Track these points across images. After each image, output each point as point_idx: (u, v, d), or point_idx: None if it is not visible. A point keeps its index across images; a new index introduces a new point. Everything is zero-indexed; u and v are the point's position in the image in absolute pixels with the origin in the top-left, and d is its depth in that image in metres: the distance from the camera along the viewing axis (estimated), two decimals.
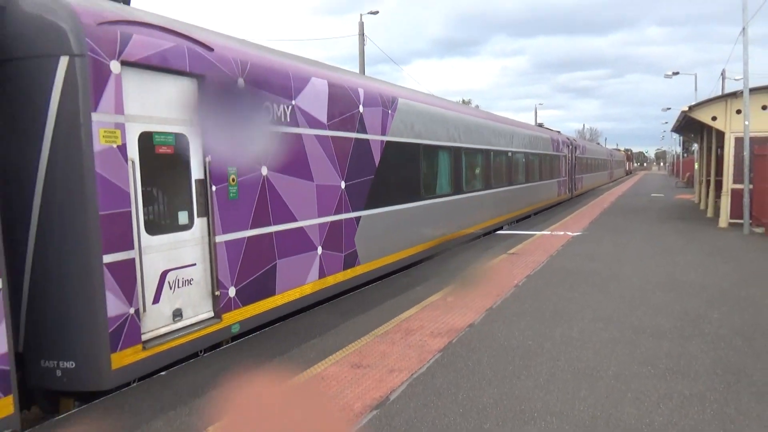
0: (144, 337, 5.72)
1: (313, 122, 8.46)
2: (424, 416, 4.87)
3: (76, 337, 5.31)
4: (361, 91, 9.93)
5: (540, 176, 24.74)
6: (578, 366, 5.94)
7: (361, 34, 28.69)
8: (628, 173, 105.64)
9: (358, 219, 9.73)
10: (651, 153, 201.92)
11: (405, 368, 5.95)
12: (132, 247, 5.61)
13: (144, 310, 5.72)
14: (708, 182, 23.30)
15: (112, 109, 5.41)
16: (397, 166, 11.09)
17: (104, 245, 5.34)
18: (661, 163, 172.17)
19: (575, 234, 16.42)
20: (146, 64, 5.79)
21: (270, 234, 7.53)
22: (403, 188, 11.38)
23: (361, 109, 9.83)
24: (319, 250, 8.65)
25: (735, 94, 17.49)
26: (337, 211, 9.14)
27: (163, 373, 6.01)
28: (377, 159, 10.34)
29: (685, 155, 64.91)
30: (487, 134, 17.18)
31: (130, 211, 5.60)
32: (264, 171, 7.40)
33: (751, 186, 16.32)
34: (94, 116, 5.24)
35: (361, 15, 29.01)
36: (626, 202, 29.72)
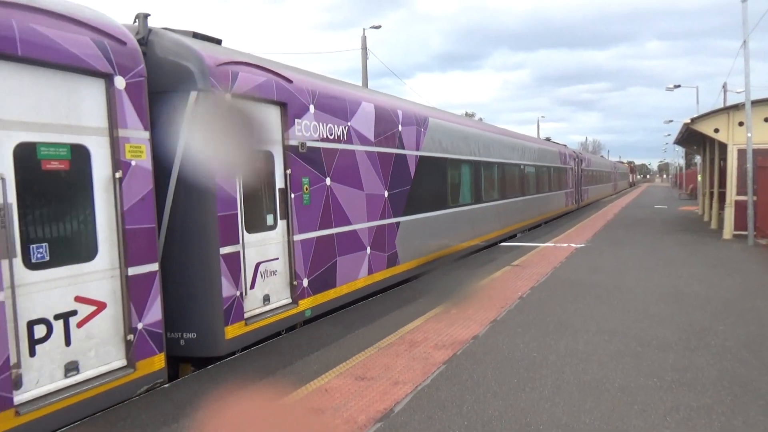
0: (246, 315, 7.02)
1: (363, 140, 9.93)
2: (429, 429, 4.83)
3: (199, 312, 6.58)
4: (399, 112, 11.42)
5: (549, 188, 26.02)
6: (584, 378, 5.90)
7: (364, 48, 28.89)
8: (632, 185, 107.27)
9: (398, 224, 11.13)
10: (654, 165, 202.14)
11: (409, 380, 5.92)
12: (238, 242, 6.92)
13: (246, 293, 7.06)
14: (711, 194, 23.28)
15: (229, 134, 6.68)
16: (428, 178, 12.48)
17: (220, 240, 6.64)
18: (664, 175, 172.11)
19: (579, 246, 16.38)
20: (248, 95, 7.14)
21: (332, 235, 8.94)
22: (433, 198, 12.80)
23: (399, 127, 11.28)
24: (368, 250, 10.03)
25: (737, 107, 17.53)
26: (382, 217, 10.54)
27: (165, 386, 6.00)
28: (412, 171, 11.77)
29: (688, 167, 64.92)
30: (502, 149, 18.51)
31: (237, 213, 6.90)
32: (328, 182, 8.83)
33: (754, 198, 16.29)
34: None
35: (363, 29, 29.27)
36: (630, 214, 29.68)
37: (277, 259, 7.75)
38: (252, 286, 7.25)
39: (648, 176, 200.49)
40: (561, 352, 6.75)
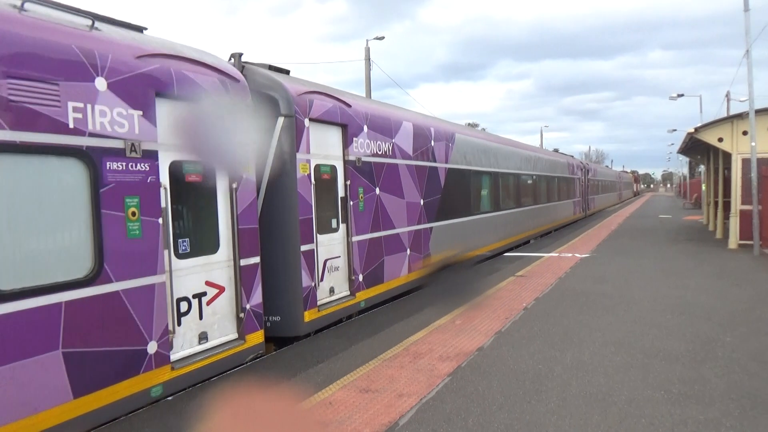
0: (318, 303, 8.46)
1: (404, 154, 11.49)
2: None
3: (284, 299, 8.06)
4: (432, 129, 12.94)
5: (559, 197, 27.60)
6: (590, 390, 5.85)
7: (367, 59, 28.99)
8: (636, 194, 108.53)
9: (431, 229, 12.55)
10: (657, 174, 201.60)
11: (414, 393, 5.87)
12: (313, 242, 8.41)
13: (318, 285, 8.51)
14: (716, 203, 23.19)
15: (305, 150, 8.31)
16: (455, 188, 13.87)
17: (301, 239, 8.11)
18: (668, 185, 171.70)
19: (583, 256, 16.32)
20: (320, 119, 8.72)
21: (381, 237, 10.48)
22: (459, 205, 14.24)
23: (432, 143, 12.78)
24: (408, 251, 11.51)
25: (741, 116, 17.49)
26: (419, 222, 12.03)
27: (169, 398, 5.97)
28: (443, 182, 13.21)
29: (692, 176, 64.76)
30: (518, 161, 19.99)
31: (312, 217, 8.38)
32: (377, 191, 10.38)
33: (759, 207, 16.21)
34: (297, 155, 8.13)
35: (367, 40, 29.36)
36: (634, 224, 29.58)
37: (339, 257, 9.29)
38: (322, 279, 8.76)
39: (652, 185, 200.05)
40: (567, 364, 6.69)
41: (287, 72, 8.96)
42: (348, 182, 9.43)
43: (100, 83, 5.29)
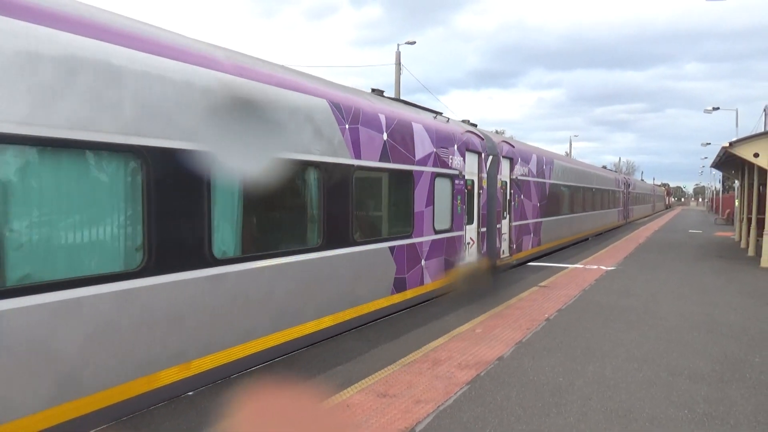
0: (501, 256, 15.51)
1: (532, 174, 18.44)
2: None
3: (491, 251, 14.56)
4: (543, 157, 20.22)
5: (609, 206, 35.32)
6: (611, 406, 5.75)
7: (398, 63, 29.06)
8: (668, 207, 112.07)
9: (541, 222, 19.63)
10: (689, 188, 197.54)
11: (431, 400, 5.85)
12: (500, 223, 15.43)
13: (501, 247, 15.60)
14: (749, 220, 22.61)
15: (499, 173, 15.16)
16: (552, 196, 20.99)
17: (496, 221, 15.03)
18: (700, 199, 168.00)
19: (609, 268, 16.07)
20: (504, 156, 15.66)
21: (522, 224, 17.39)
22: (554, 208, 21.27)
23: (544, 166, 19.95)
24: (531, 235, 18.57)
25: None
26: (537, 217, 19.08)
27: (190, 393, 6.05)
28: (547, 192, 20.27)
29: (725, 191, 63.22)
30: (583, 176, 27.27)
31: (500, 210, 15.28)
32: (522, 196, 17.25)
33: None
34: (498, 176, 15.01)
35: (398, 45, 29.53)
36: (662, 238, 29.02)
37: (506, 233, 16.06)
38: (499, 245, 15.45)
39: (683, 199, 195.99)
40: (588, 378, 6.60)
41: (475, 125, 15.13)
42: (511, 191, 16.26)
43: (455, 149, 12.40)
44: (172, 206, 5.75)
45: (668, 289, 12.88)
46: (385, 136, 9.56)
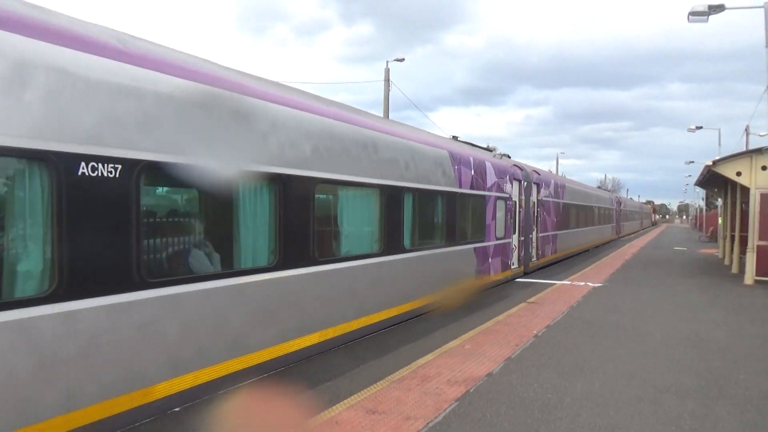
0: (531, 261, 20.14)
1: (551, 195, 22.88)
2: None
3: (527, 256, 19.50)
4: (560, 181, 25.41)
5: (604, 222, 40.25)
6: (599, 422, 5.77)
7: (386, 80, 29.29)
8: (654, 224, 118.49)
9: (557, 234, 24.09)
10: (673, 205, 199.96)
11: (421, 416, 5.83)
12: (532, 234, 20.34)
13: (531, 254, 20.17)
14: (732, 237, 22.92)
15: (530, 195, 19.99)
16: (563, 212, 25.08)
17: (528, 231, 19.68)
18: (684, 216, 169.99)
19: (596, 285, 16.18)
20: (534, 182, 20.60)
21: (544, 236, 21.88)
22: (565, 223, 25.54)
23: (559, 189, 24.41)
24: (551, 244, 22.89)
25: (760, 150, 17.36)
26: (554, 230, 23.51)
27: (176, 409, 5.99)
28: (561, 209, 24.61)
29: (709, 209, 64.08)
30: (586, 196, 32.39)
31: (532, 224, 20.30)
32: (544, 213, 21.82)
33: None
34: (530, 198, 19.91)
35: (387, 62, 29.74)
36: (648, 255, 29.29)
37: (534, 242, 20.30)
38: (530, 252, 19.52)
39: (667, 216, 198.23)
40: (576, 394, 6.62)
41: (509, 156, 18.86)
42: (538, 209, 20.71)
43: (507, 178, 17.01)
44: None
45: (655, 305, 12.98)
46: (472, 172, 14.19)
